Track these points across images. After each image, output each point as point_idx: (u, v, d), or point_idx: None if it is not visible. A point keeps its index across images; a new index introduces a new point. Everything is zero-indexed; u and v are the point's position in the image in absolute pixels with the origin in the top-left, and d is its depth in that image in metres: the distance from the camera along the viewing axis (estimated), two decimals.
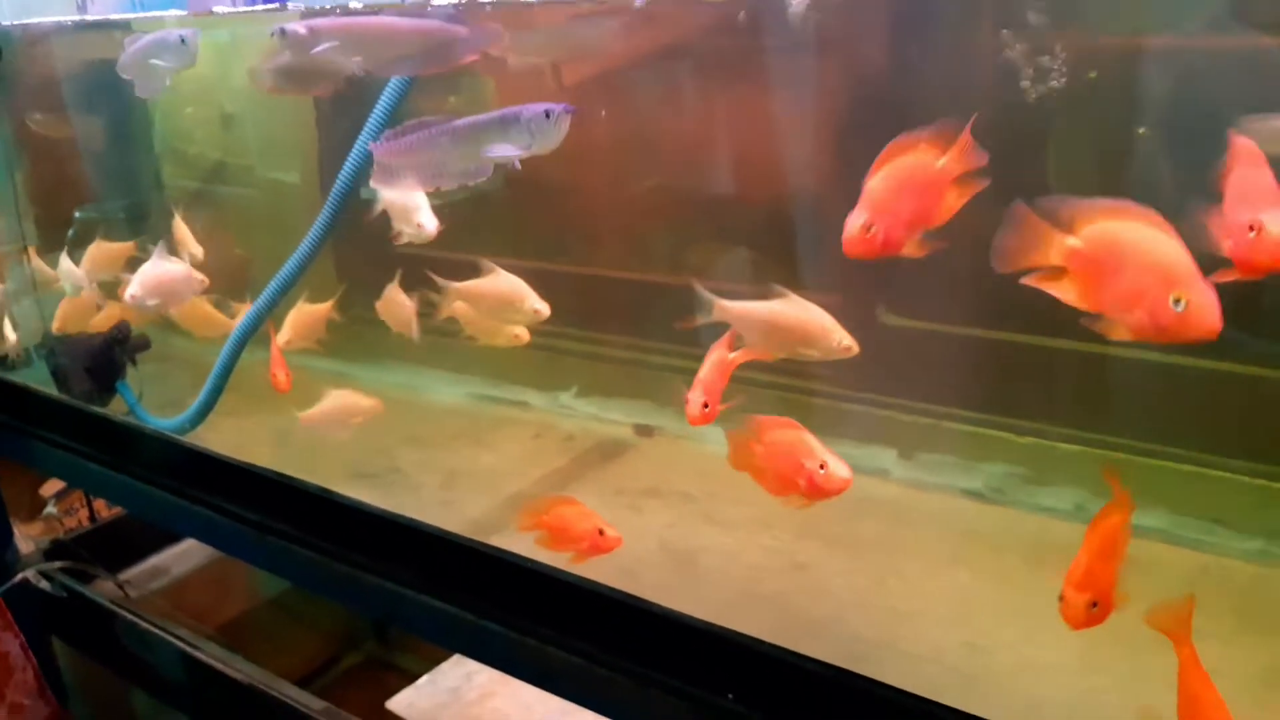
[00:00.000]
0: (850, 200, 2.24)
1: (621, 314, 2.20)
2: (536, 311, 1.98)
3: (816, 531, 1.95)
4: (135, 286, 2.27)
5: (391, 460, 2.23)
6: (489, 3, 2.06)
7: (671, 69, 2.43)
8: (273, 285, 2.20)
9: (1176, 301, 0.97)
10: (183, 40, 2.02)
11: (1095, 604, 1.22)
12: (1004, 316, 2.22)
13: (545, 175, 2.78)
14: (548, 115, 1.65)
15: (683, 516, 1.99)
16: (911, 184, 1.26)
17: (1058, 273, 1.10)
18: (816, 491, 1.48)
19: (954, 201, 1.27)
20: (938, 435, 2.27)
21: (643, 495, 2.00)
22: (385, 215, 2.11)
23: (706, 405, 1.63)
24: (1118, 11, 1.93)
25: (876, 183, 1.27)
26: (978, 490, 2.14)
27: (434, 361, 2.36)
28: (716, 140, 2.53)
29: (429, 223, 2.02)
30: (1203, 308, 0.96)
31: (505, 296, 1.99)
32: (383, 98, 2.00)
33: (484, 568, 1.80)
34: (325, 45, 1.74)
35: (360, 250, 2.92)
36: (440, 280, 2.08)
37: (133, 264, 2.54)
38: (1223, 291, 1.03)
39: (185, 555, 3.35)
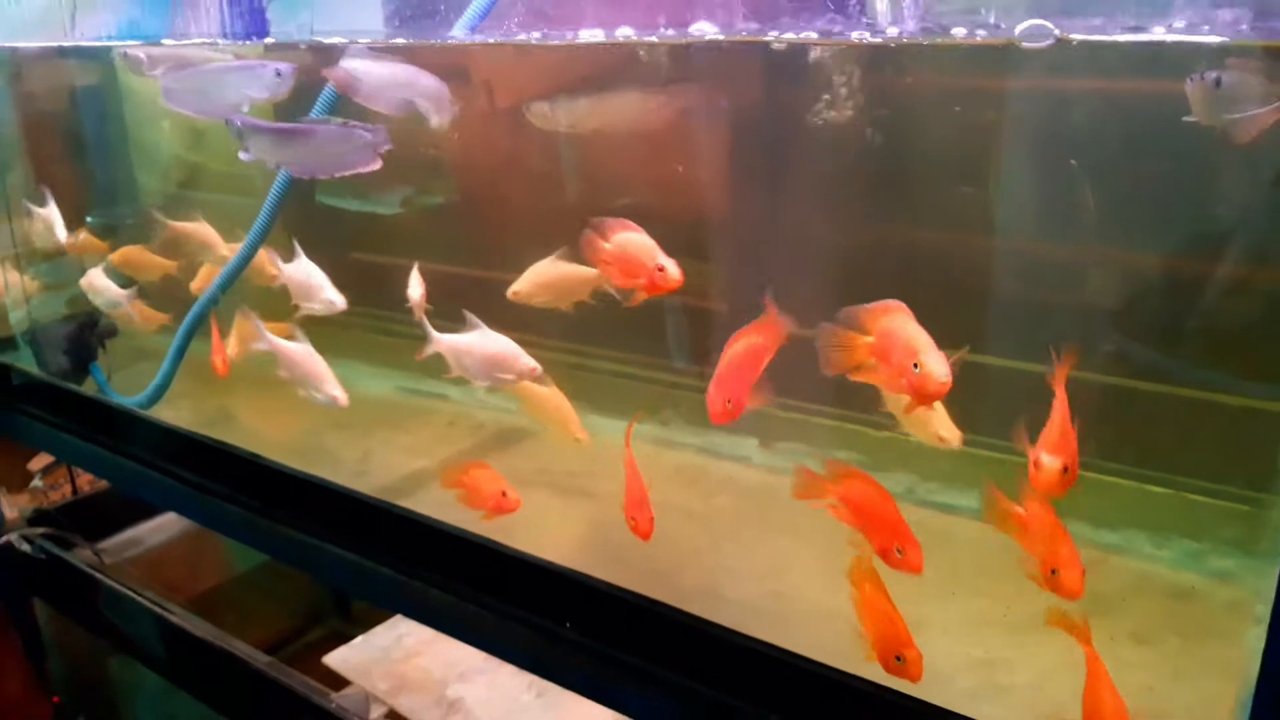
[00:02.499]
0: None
1: (543, 317, 2.49)
2: (531, 370, 2.05)
3: (676, 506, 2.27)
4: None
5: (319, 440, 2.57)
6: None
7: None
8: (221, 274, 2.52)
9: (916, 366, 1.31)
10: (278, 74, 2.04)
11: (1066, 469, 1.32)
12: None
13: (484, 189, 3.09)
14: (278, 74, 1.97)
15: (561, 491, 2.32)
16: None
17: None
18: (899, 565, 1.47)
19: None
20: (798, 428, 2.58)
21: (532, 473, 2.33)
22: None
23: (730, 403, 1.59)
24: None
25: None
26: (951, 504, 2.35)
27: (367, 357, 2.69)
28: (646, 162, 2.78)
29: (337, 299, 2.26)
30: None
31: (494, 359, 2.07)
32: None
33: (383, 524, 2.15)
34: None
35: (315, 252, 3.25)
36: (431, 331, 2.17)
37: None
38: None
39: (160, 529, 3.60)
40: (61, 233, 2.92)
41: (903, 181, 2.30)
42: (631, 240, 1.69)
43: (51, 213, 2.95)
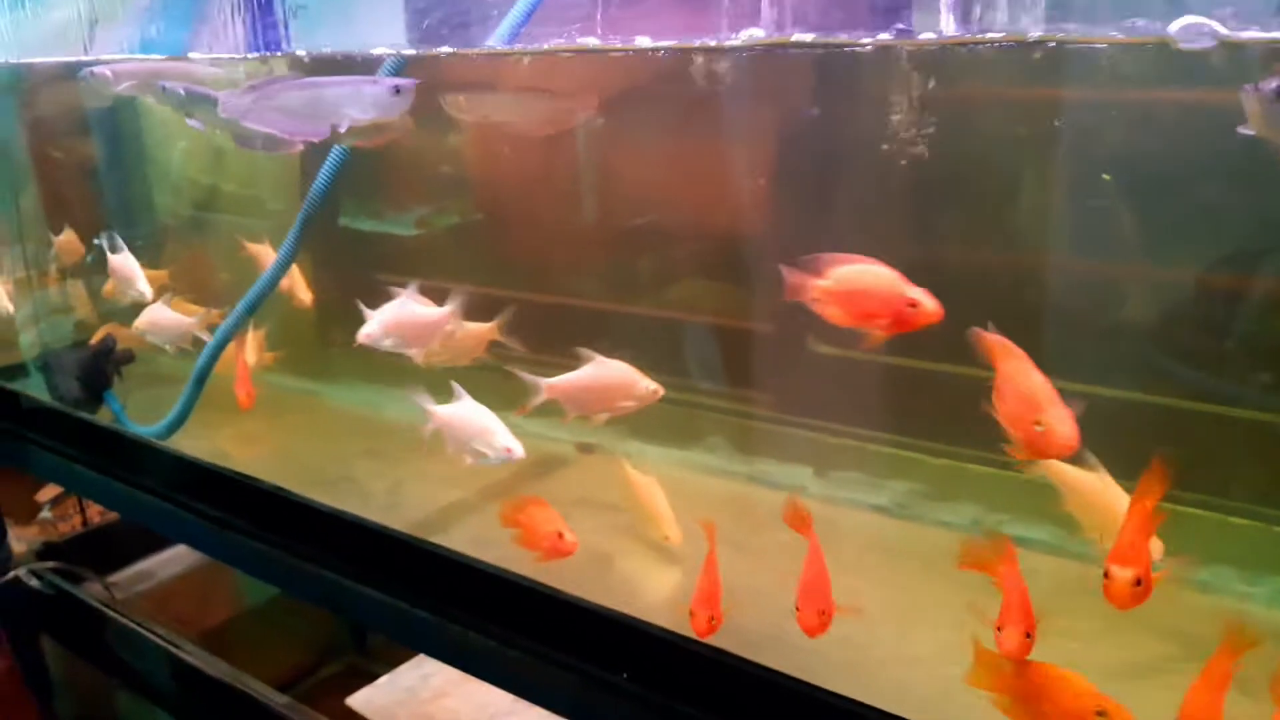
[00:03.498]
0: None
1: (572, 339, 2.40)
2: (654, 392, 1.98)
3: (731, 540, 2.12)
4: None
5: (347, 470, 2.43)
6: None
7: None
8: (241, 305, 2.40)
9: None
10: (398, 90, 1.82)
11: (1139, 581, 1.26)
12: (921, 346, 2.39)
13: (513, 209, 3.00)
14: (397, 91, 1.81)
15: (606, 524, 2.18)
16: None
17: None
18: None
19: None
20: (854, 455, 2.46)
21: (573, 504, 2.18)
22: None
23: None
24: None
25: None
26: (884, 505, 2.32)
27: (396, 381, 2.55)
28: (663, 181, 2.72)
29: (146, 289, 2.21)
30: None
31: (614, 387, 2.00)
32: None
33: (418, 562, 2.00)
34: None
35: (336, 276, 3.15)
36: (528, 378, 2.09)
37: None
38: None
39: (171, 561, 3.51)
40: (144, 287, 2.62)
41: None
42: (863, 274, 1.51)
43: (128, 263, 2.66)
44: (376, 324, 2.15)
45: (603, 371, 2.02)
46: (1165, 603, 1.89)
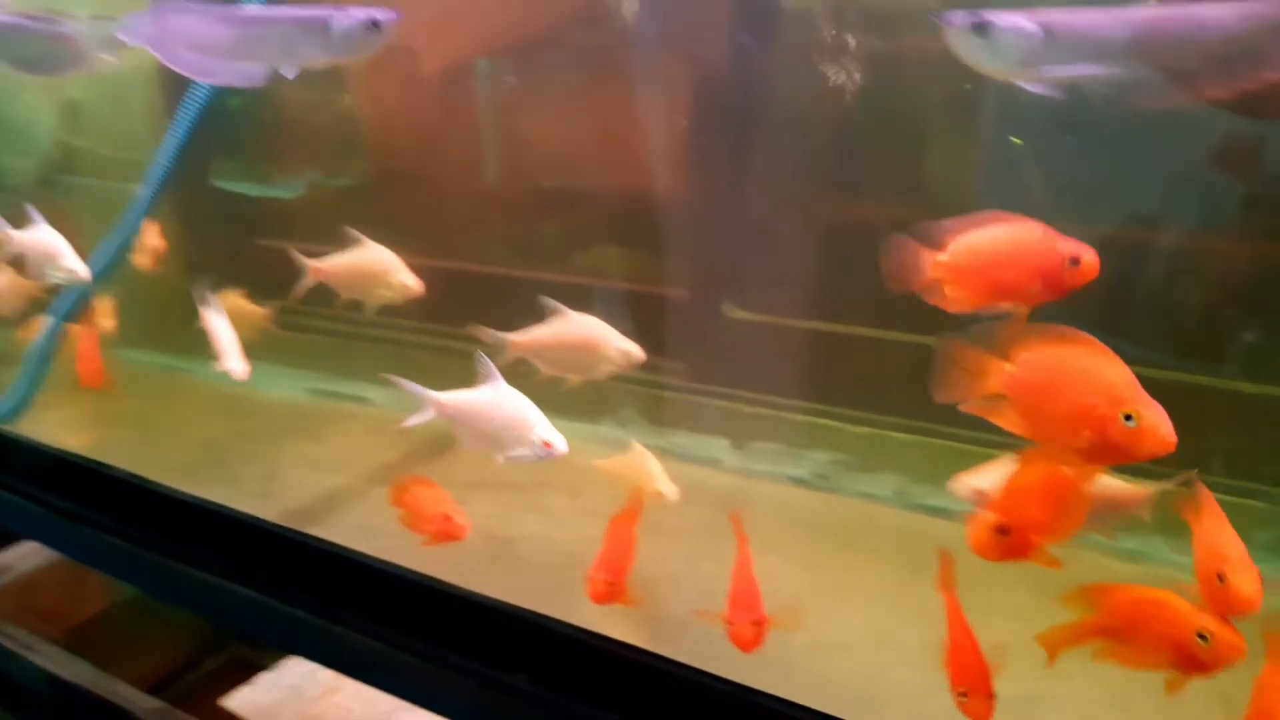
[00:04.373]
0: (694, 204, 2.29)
1: (474, 307, 2.20)
2: (405, 285, 1.86)
3: (644, 520, 1.97)
4: None
5: (215, 454, 2.20)
6: None
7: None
8: (93, 265, 2.12)
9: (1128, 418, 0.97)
10: (375, 25, 1.38)
11: (1004, 529, 1.18)
12: (842, 310, 2.28)
13: (415, 168, 2.79)
14: (374, 25, 1.37)
15: (506, 508, 1.99)
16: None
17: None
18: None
19: None
20: (772, 425, 2.33)
21: (468, 487, 1.99)
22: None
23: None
24: None
25: None
26: (803, 477, 2.20)
27: (272, 356, 2.33)
28: (574, 138, 2.55)
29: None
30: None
31: (370, 270, 1.86)
32: None
33: (294, 556, 1.79)
34: None
35: (210, 243, 2.88)
36: (300, 257, 1.98)
37: None
38: None
39: (33, 553, 3.21)
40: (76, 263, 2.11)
41: None
42: (997, 237, 1.15)
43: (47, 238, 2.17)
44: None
45: (573, 327, 1.81)
46: (1096, 575, 1.84)
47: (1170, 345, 1.87)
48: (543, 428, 1.55)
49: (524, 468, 2.03)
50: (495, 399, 1.59)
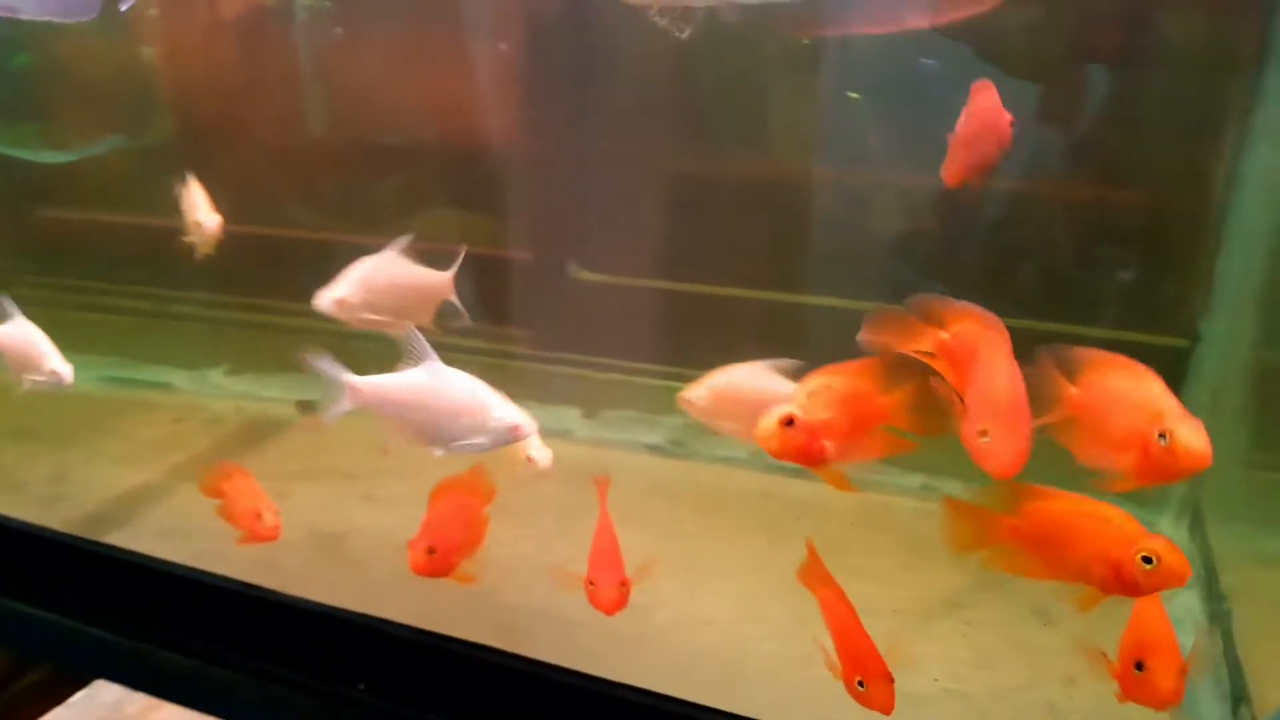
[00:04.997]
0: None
1: (292, 280, 1.99)
2: (54, 373, 1.58)
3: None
4: None
5: None
6: None
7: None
8: None
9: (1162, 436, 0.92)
10: None
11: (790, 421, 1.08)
12: (692, 267, 2.20)
13: (223, 125, 2.52)
14: None
15: (337, 498, 1.81)
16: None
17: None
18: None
19: None
20: (624, 391, 2.23)
21: (293, 478, 1.81)
22: None
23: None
24: None
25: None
26: (658, 444, 2.11)
27: (62, 340, 2.05)
28: (404, 91, 2.35)
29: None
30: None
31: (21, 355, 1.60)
32: None
33: (88, 569, 1.57)
34: None
35: None
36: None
37: None
38: None
39: None
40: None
41: None
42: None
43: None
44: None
45: (385, 265, 1.59)
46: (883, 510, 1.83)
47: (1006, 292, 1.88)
48: (502, 409, 1.29)
49: (356, 454, 1.87)
50: (434, 381, 1.33)
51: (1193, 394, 1.82)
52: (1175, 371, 1.82)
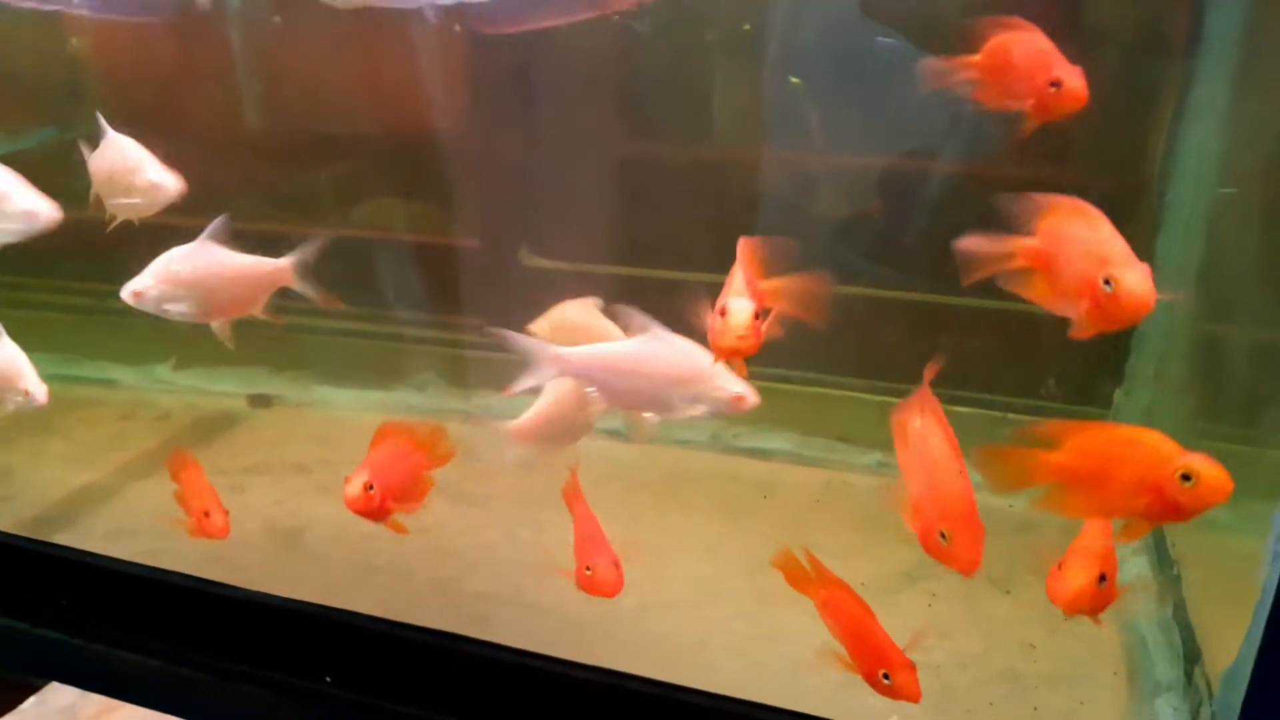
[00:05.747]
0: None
1: None
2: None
3: (447, 490, 1.82)
4: None
5: None
6: None
7: None
8: None
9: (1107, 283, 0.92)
10: None
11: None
12: (645, 252, 2.20)
13: (157, 115, 2.45)
14: None
15: (292, 492, 1.78)
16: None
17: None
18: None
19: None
20: None
21: (247, 473, 1.77)
22: None
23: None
24: None
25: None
26: (617, 429, 2.10)
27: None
28: (345, 77, 2.31)
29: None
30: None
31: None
32: None
33: (38, 570, 1.53)
34: None
35: None
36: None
37: None
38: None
39: None
40: None
41: None
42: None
43: None
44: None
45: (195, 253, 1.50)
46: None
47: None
48: (724, 378, 1.25)
49: (309, 446, 1.84)
50: (654, 348, 1.27)
51: (1137, 366, 1.87)
52: (1121, 346, 1.88)
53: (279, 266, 1.52)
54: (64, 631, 1.51)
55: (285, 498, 1.76)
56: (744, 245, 1.21)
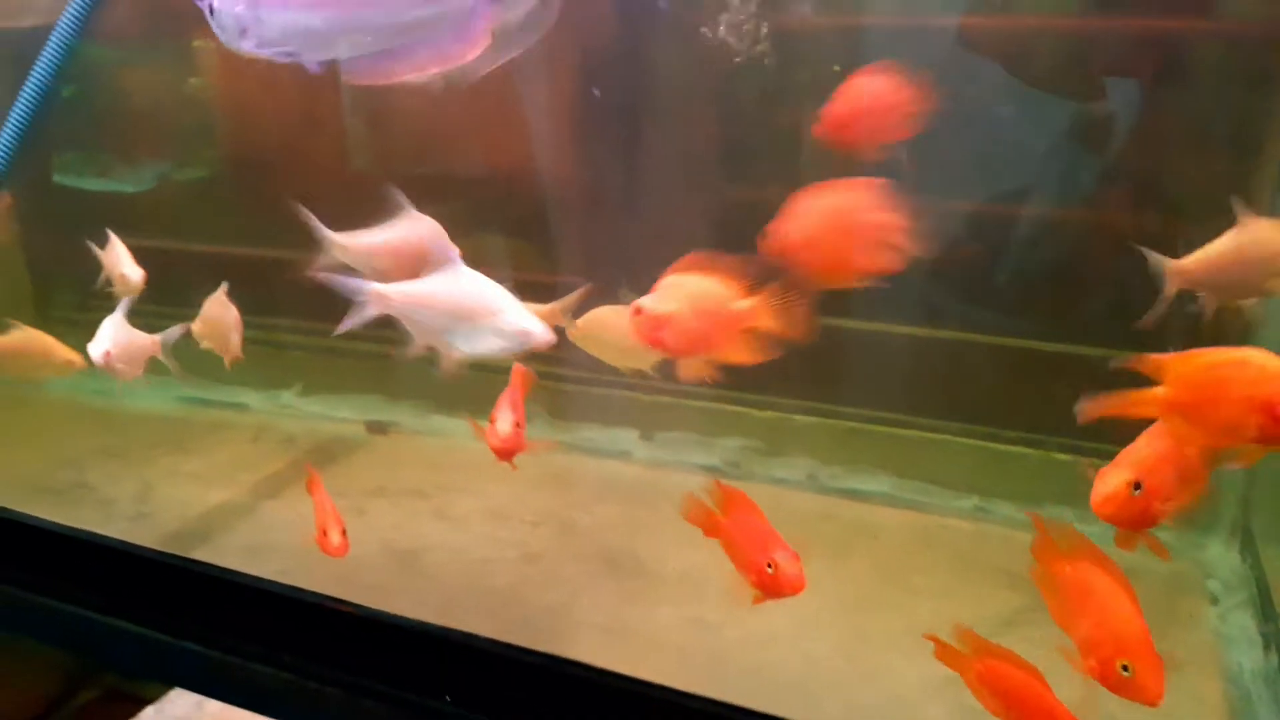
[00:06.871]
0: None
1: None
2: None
3: (554, 519, 1.90)
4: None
5: (79, 474, 2.00)
6: None
7: None
8: None
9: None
10: None
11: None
12: None
13: (273, 157, 2.60)
14: None
15: (410, 515, 1.88)
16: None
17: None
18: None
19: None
20: (680, 414, 2.28)
21: (368, 496, 1.87)
22: None
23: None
24: None
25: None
26: (715, 465, 2.16)
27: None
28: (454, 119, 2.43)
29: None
30: None
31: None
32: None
33: (179, 585, 1.64)
34: None
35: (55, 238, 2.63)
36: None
37: None
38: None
39: None
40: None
41: None
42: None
43: None
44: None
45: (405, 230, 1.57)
46: (1004, 550, 1.86)
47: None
48: (515, 313, 1.30)
49: (426, 473, 1.93)
50: (452, 285, 1.32)
51: None
52: None
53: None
54: (203, 644, 1.61)
55: (403, 521, 1.85)
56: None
